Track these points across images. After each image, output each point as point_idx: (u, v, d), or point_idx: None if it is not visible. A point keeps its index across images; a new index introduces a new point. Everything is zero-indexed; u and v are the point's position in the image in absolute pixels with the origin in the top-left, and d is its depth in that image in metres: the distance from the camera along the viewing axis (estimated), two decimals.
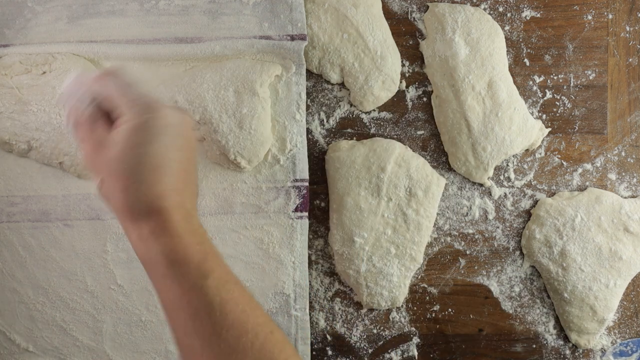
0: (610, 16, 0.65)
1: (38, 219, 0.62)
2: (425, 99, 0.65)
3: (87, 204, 0.61)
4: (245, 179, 0.62)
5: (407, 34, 0.65)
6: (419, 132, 0.65)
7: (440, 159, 0.66)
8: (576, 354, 0.66)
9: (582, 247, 0.64)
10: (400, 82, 0.65)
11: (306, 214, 0.62)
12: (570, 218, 0.64)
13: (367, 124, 0.65)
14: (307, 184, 0.62)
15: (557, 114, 0.66)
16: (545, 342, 0.66)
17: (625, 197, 0.65)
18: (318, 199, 0.65)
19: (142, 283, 0.62)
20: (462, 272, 0.66)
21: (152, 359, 0.63)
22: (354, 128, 0.65)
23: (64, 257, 0.62)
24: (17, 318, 0.62)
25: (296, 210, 0.62)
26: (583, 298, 0.64)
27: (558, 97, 0.65)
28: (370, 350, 0.66)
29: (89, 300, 0.62)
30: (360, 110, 0.65)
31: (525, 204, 0.66)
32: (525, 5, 0.65)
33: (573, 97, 0.65)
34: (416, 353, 0.66)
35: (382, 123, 0.65)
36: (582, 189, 0.66)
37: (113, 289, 0.62)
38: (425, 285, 0.66)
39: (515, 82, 0.64)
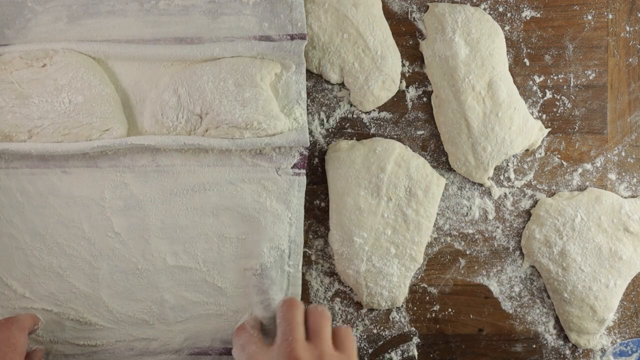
0: (610, 16, 0.65)
1: (36, 165, 0.61)
2: (425, 99, 0.65)
3: (85, 153, 0.61)
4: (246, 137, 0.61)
5: (407, 34, 0.65)
6: (419, 132, 0.65)
7: (440, 159, 0.66)
8: (576, 354, 0.66)
9: (582, 247, 0.64)
10: (400, 82, 0.65)
11: (304, 171, 0.62)
12: (570, 218, 0.64)
13: (367, 124, 0.65)
14: (307, 145, 0.62)
15: (557, 114, 0.66)
16: (545, 342, 0.66)
17: (625, 197, 0.65)
18: (318, 199, 0.65)
19: (138, 231, 0.62)
20: (462, 272, 0.66)
21: (148, 307, 0.63)
22: (354, 128, 0.65)
23: (62, 204, 0.61)
24: (14, 264, 0.62)
25: (294, 167, 0.62)
26: (583, 298, 0.64)
27: (558, 97, 0.65)
28: (370, 350, 0.66)
29: (86, 247, 0.62)
30: (360, 110, 0.65)
31: (525, 204, 0.66)
32: (525, 5, 0.65)
33: (573, 97, 0.65)
34: (416, 353, 0.66)
35: (382, 123, 0.65)
36: (582, 189, 0.66)
37: (110, 237, 0.62)
38: (425, 285, 0.66)
39: (515, 82, 0.64)
